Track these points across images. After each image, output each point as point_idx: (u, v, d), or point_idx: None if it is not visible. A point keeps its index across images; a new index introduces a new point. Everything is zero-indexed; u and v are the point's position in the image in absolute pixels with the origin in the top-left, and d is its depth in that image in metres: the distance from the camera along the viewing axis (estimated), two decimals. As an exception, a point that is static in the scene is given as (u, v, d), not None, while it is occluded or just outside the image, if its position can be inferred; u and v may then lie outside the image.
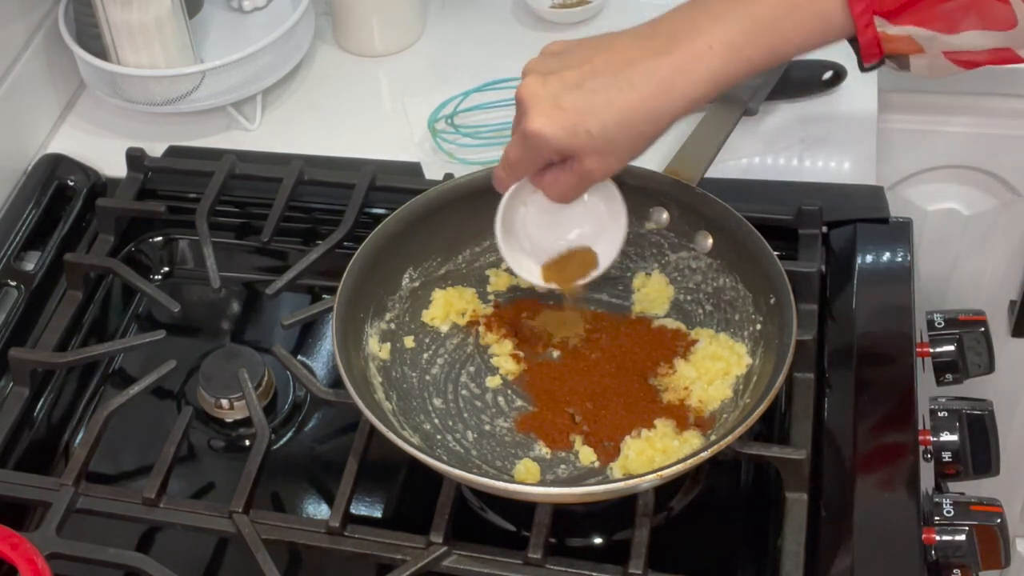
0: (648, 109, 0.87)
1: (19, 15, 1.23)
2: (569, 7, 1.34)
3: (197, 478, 1.04)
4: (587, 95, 0.87)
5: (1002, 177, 1.38)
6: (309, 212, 1.18)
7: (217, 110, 1.26)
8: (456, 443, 0.96)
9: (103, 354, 1.09)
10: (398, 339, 1.02)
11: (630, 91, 0.87)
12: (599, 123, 0.87)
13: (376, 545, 0.91)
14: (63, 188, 1.22)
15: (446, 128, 1.21)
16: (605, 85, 0.87)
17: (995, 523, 0.93)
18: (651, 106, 0.87)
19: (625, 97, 0.87)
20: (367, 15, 1.33)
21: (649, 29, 0.90)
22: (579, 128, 0.87)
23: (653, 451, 0.92)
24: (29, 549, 0.85)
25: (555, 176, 0.91)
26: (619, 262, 1.06)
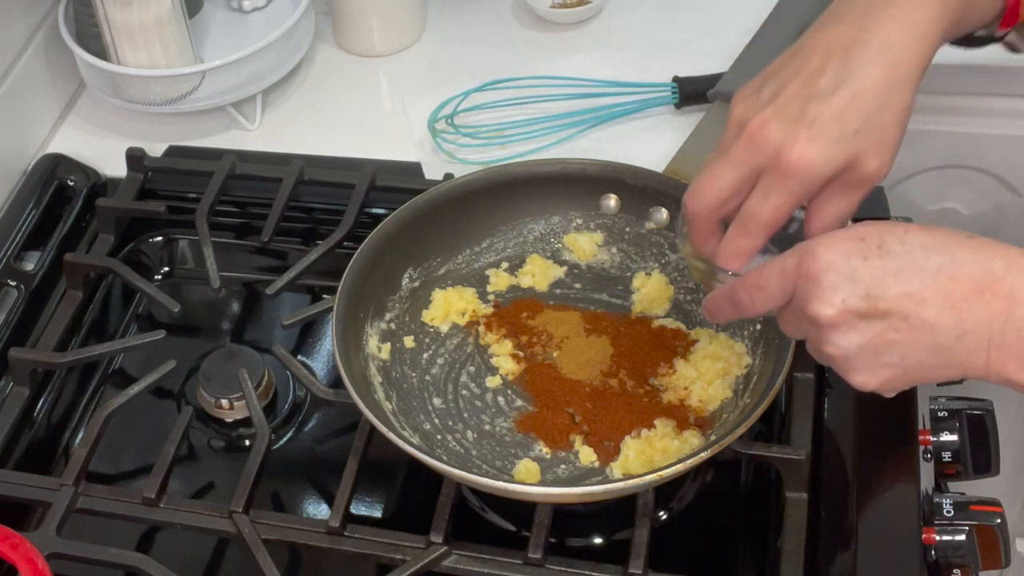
0: (897, 77, 0.79)
1: (19, 15, 1.23)
2: (569, 7, 1.34)
3: (197, 478, 1.04)
4: (833, 97, 0.79)
5: (1002, 177, 1.38)
6: (309, 212, 1.18)
7: (217, 110, 1.26)
8: (456, 443, 0.96)
9: (103, 354, 1.09)
10: (398, 339, 1.02)
11: (869, 68, 0.78)
12: (862, 116, 0.78)
13: (376, 545, 0.91)
14: (63, 188, 1.22)
15: (446, 128, 1.21)
16: (844, 78, 0.79)
17: (995, 523, 0.93)
18: (898, 73, 0.79)
19: (871, 78, 0.78)
20: (367, 15, 1.33)
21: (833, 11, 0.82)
22: (846, 132, 0.78)
23: (653, 451, 0.92)
24: (29, 549, 0.85)
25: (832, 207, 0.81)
26: (619, 262, 1.06)
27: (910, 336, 0.72)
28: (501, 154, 1.20)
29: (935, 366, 0.74)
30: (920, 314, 0.72)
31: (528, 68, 1.27)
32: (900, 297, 0.72)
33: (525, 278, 1.06)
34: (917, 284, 0.72)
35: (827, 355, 0.75)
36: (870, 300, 0.72)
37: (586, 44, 1.33)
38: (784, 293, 0.76)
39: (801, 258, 0.74)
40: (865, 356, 0.74)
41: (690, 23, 1.33)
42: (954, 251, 0.72)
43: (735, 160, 0.81)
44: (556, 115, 1.22)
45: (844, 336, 0.73)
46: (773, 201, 0.80)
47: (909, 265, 0.72)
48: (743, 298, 0.79)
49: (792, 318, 0.77)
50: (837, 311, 0.73)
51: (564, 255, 1.08)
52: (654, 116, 1.23)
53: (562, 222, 1.08)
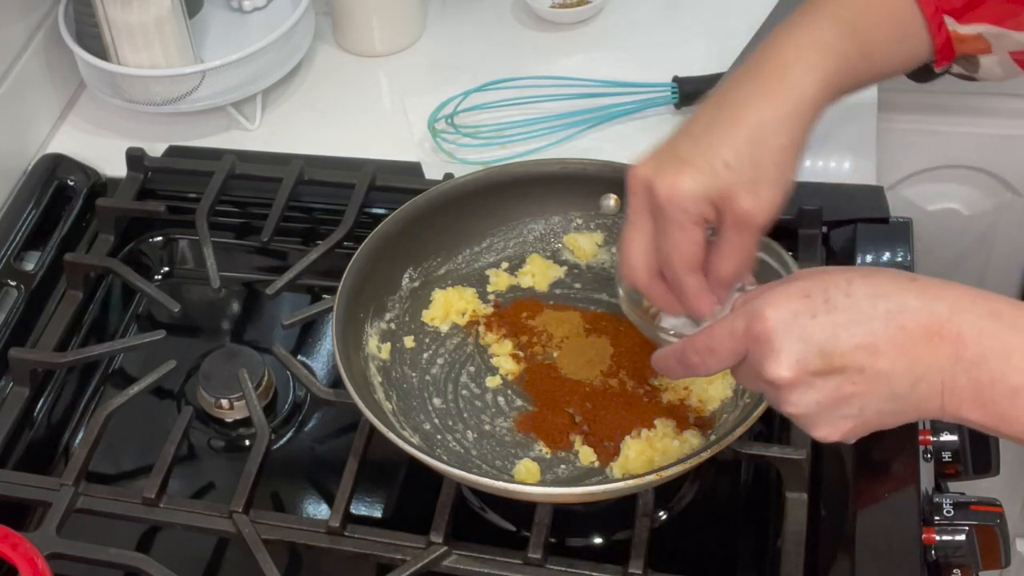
0: (771, 119, 0.82)
1: (19, 15, 1.23)
2: (569, 7, 1.34)
3: (197, 478, 1.04)
4: (702, 137, 0.82)
5: (1002, 177, 1.38)
6: (309, 212, 1.18)
7: (217, 110, 1.26)
8: (456, 443, 0.96)
9: (103, 354, 1.09)
10: (398, 339, 1.02)
11: (743, 110, 0.82)
12: (731, 151, 0.81)
13: (376, 545, 0.91)
14: (63, 188, 1.22)
15: (446, 128, 1.22)
16: (714, 118, 0.83)
17: (995, 523, 0.93)
18: (771, 115, 0.82)
19: (741, 117, 0.82)
20: (367, 15, 1.33)
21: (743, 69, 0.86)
22: (715, 165, 0.81)
23: (653, 451, 0.92)
24: (29, 549, 0.85)
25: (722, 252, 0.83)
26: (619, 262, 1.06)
27: (867, 387, 0.73)
28: (501, 154, 1.20)
29: (893, 412, 0.74)
30: (875, 365, 0.72)
31: (528, 68, 1.27)
32: (854, 350, 0.72)
33: (525, 278, 1.06)
34: (868, 335, 0.72)
35: (788, 413, 0.75)
36: (824, 357, 0.72)
37: (586, 44, 1.33)
38: (736, 355, 0.76)
39: (750, 320, 0.74)
40: (825, 411, 0.74)
41: (690, 23, 1.33)
42: (899, 297, 0.72)
43: (632, 217, 0.84)
44: (556, 115, 1.22)
45: (803, 395, 0.73)
46: (670, 240, 0.82)
47: (858, 317, 0.72)
48: (694, 360, 0.79)
49: (747, 377, 0.77)
50: (793, 372, 0.73)
51: (564, 255, 1.08)
52: (654, 116, 1.23)
53: (562, 222, 1.08)
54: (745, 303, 0.76)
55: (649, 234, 0.84)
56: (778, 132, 0.83)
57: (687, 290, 0.83)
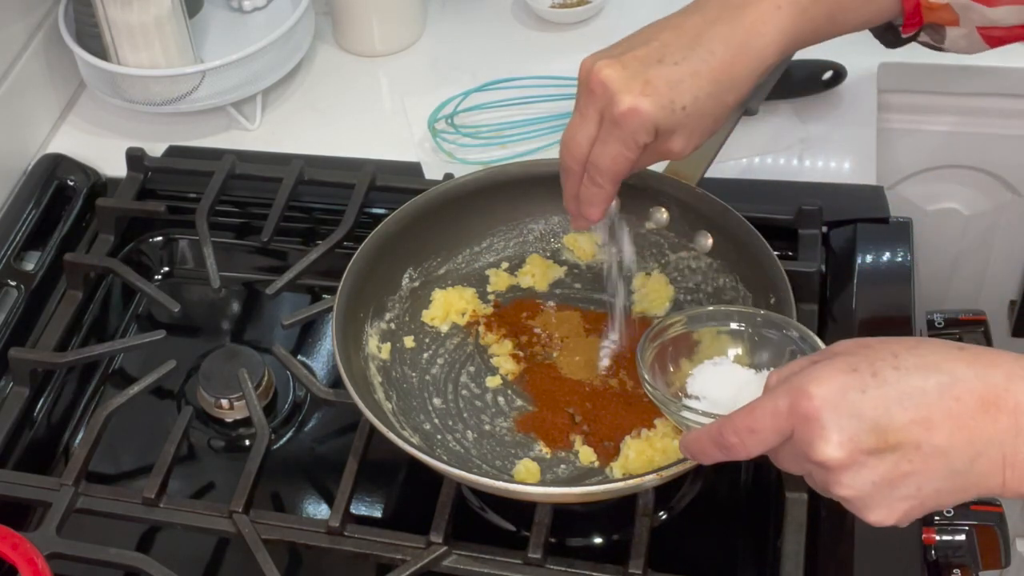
0: (731, 75, 0.84)
1: (19, 15, 1.23)
2: (569, 7, 1.34)
3: (197, 478, 1.04)
4: (672, 68, 0.83)
5: (1002, 177, 1.38)
6: (309, 212, 1.18)
7: (217, 110, 1.26)
8: (456, 443, 0.96)
9: (103, 354, 1.09)
10: (398, 339, 1.02)
11: (711, 58, 0.84)
12: (691, 95, 0.83)
13: (376, 545, 0.91)
14: (63, 188, 1.22)
15: (446, 128, 1.22)
16: (685, 56, 0.84)
17: (995, 523, 0.93)
18: (733, 72, 0.84)
19: (709, 66, 0.84)
20: (367, 15, 1.33)
21: (695, 4, 0.87)
22: (675, 103, 0.83)
23: (653, 451, 0.92)
24: (29, 549, 0.85)
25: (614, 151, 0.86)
26: (619, 262, 1.06)
27: (924, 465, 0.68)
28: (501, 154, 1.20)
29: (951, 491, 0.70)
30: (931, 440, 0.68)
31: (528, 68, 1.27)
32: (909, 425, 0.68)
33: (525, 278, 1.06)
34: (923, 409, 0.68)
35: (839, 496, 0.71)
36: (878, 434, 0.68)
37: (586, 44, 1.32)
38: (780, 435, 0.71)
39: (795, 399, 0.69)
40: (881, 492, 0.69)
41: (690, 23, 1.33)
42: (951, 368, 0.69)
43: (582, 109, 0.86)
44: (556, 115, 1.21)
45: (857, 476, 0.69)
46: (609, 150, 0.85)
47: (910, 390, 0.68)
48: (732, 441, 0.73)
49: (791, 459, 0.72)
50: (847, 452, 0.68)
51: (564, 255, 1.08)
52: (654, 116, 1.23)
53: (562, 222, 1.08)
54: (781, 380, 0.72)
55: (594, 131, 0.86)
56: (732, 90, 0.85)
57: (598, 194, 0.88)
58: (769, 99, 1.16)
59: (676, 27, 0.86)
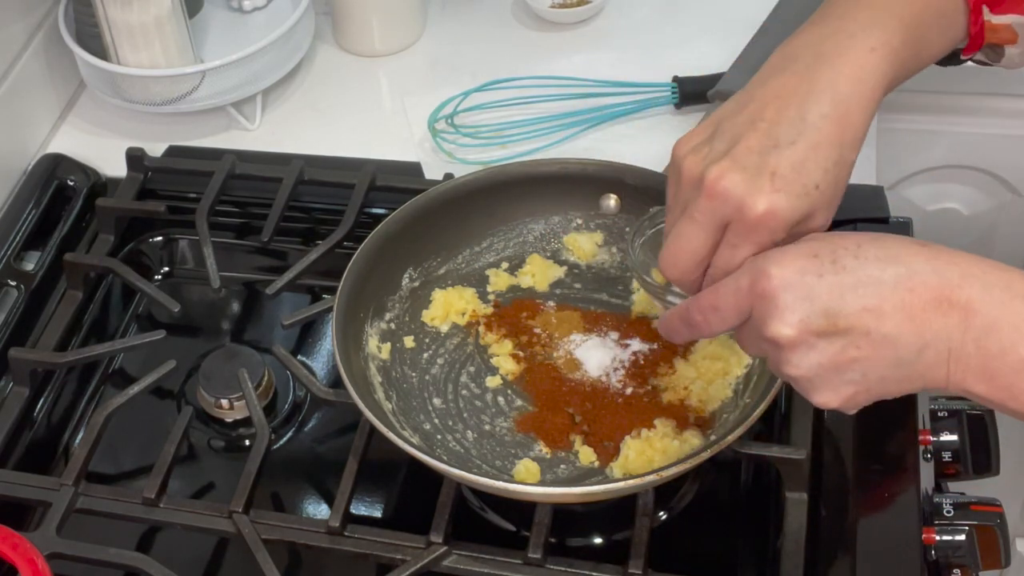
0: (849, 133, 0.78)
1: (19, 15, 1.23)
2: (569, 7, 1.34)
3: (197, 478, 1.04)
4: (791, 149, 0.76)
5: (1002, 177, 1.38)
6: (309, 212, 1.18)
7: (217, 110, 1.26)
8: (456, 443, 0.96)
9: (103, 354, 1.09)
10: (398, 339, 1.02)
11: (824, 123, 0.77)
12: (821, 171, 0.77)
13: (376, 545, 0.91)
14: (63, 188, 1.22)
15: (446, 128, 1.21)
16: (800, 131, 0.77)
17: (995, 523, 0.93)
18: (849, 129, 0.78)
19: (825, 133, 0.77)
20: (367, 15, 1.33)
21: (783, 58, 0.81)
22: (808, 187, 0.76)
23: (653, 451, 0.92)
24: (29, 549, 0.85)
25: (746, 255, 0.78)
26: (619, 262, 1.06)
27: (872, 352, 0.71)
28: (501, 154, 1.20)
29: (897, 380, 0.72)
30: (880, 328, 0.70)
31: (528, 68, 1.27)
32: (860, 312, 0.70)
33: (525, 278, 1.06)
34: (876, 298, 0.70)
35: (788, 375, 0.74)
36: (829, 317, 0.70)
37: (586, 44, 1.33)
38: (740, 314, 0.74)
39: (755, 277, 0.72)
40: (827, 375, 0.72)
41: (690, 23, 1.33)
42: (909, 261, 0.71)
43: (700, 219, 0.79)
44: (556, 115, 1.22)
45: (804, 356, 0.72)
46: (742, 254, 0.78)
47: (865, 279, 0.70)
48: (697, 319, 0.77)
49: (750, 337, 0.75)
50: (796, 331, 0.71)
51: (564, 255, 1.08)
52: (654, 116, 1.23)
53: (562, 222, 1.08)
54: (752, 262, 0.74)
55: (713, 241, 0.79)
56: (852, 151, 0.79)
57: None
58: (769, 99, 1.16)
59: (776, 97, 0.79)
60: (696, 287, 0.82)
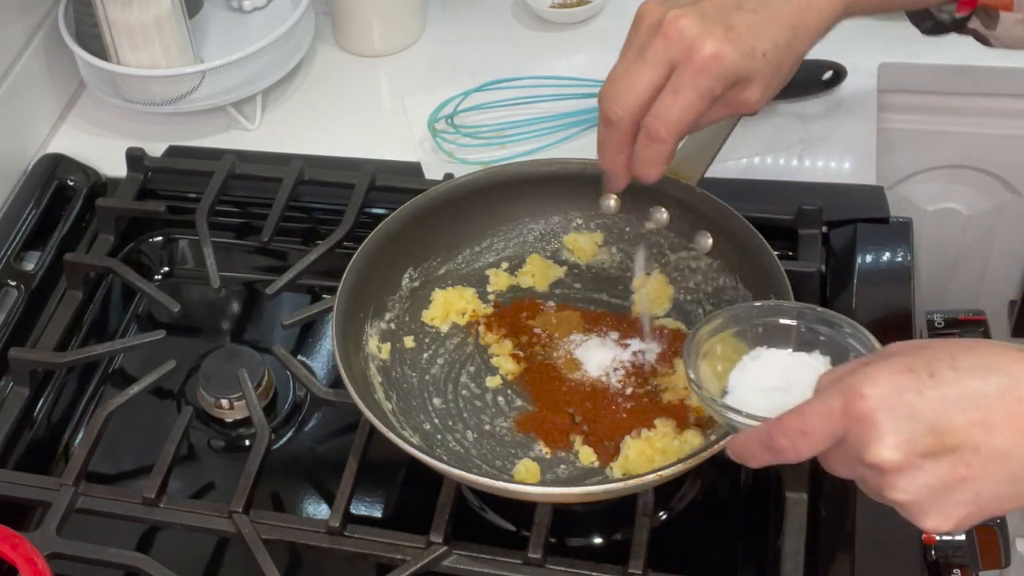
0: (805, 23, 0.83)
1: (19, 15, 1.23)
2: (569, 7, 1.34)
3: (197, 478, 1.04)
4: (751, 14, 0.82)
5: (1002, 177, 1.38)
6: (309, 212, 1.18)
7: (217, 110, 1.26)
8: (456, 443, 0.96)
9: (103, 354, 1.09)
10: (398, 339, 1.02)
11: (786, 6, 0.83)
12: (771, 42, 0.82)
13: (376, 545, 0.91)
14: (63, 188, 1.22)
15: (446, 128, 1.22)
16: (763, 3, 0.82)
17: (995, 523, 0.93)
18: (807, 19, 0.83)
19: (786, 13, 0.83)
20: (367, 15, 1.33)
21: None
22: (756, 50, 0.81)
23: (653, 451, 0.92)
24: (29, 549, 0.85)
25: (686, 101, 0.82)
26: (619, 262, 1.06)
27: (983, 469, 0.66)
28: (501, 154, 1.20)
29: (1012, 496, 0.67)
30: (991, 443, 0.65)
31: (528, 68, 1.27)
32: (968, 427, 0.65)
33: (525, 278, 1.06)
34: (983, 411, 0.65)
35: (893, 500, 0.68)
36: (936, 436, 0.65)
37: (586, 44, 1.33)
38: (832, 437, 0.68)
39: (849, 399, 0.67)
40: (937, 497, 0.67)
41: (690, 23, 1.33)
42: (1011, 369, 0.66)
43: (651, 58, 0.82)
44: (556, 115, 1.22)
45: (912, 479, 0.66)
46: (683, 99, 0.81)
47: (969, 391, 0.66)
48: (783, 444, 0.70)
49: (844, 462, 0.70)
50: (902, 454, 0.66)
51: (564, 255, 1.08)
52: (654, 116, 1.23)
53: (562, 222, 1.08)
54: (833, 381, 0.69)
55: (658, 83, 0.82)
56: (805, 40, 0.84)
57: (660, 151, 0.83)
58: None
59: None
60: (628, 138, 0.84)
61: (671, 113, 0.82)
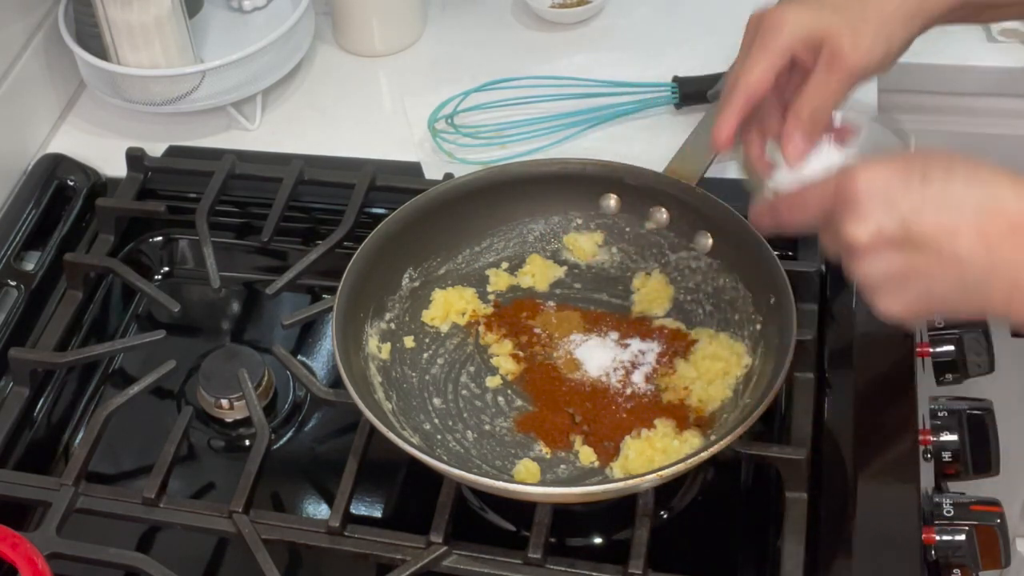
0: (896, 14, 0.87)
1: (19, 15, 1.23)
2: (569, 7, 1.34)
3: (197, 478, 1.04)
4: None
5: (1002, 177, 1.38)
6: (309, 212, 1.18)
7: (217, 110, 1.26)
8: (456, 443, 0.96)
9: (103, 354, 1.09)
10: (398, 339, 1.02)
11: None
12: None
13: (376, 545, 0.91)
14: (63, 188, 1.22)
15: (446, 128, 1.21)
16: None
17: (995, 523, 0.93)
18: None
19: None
20: (367, 15, 1.33)
21: None
22: (825, 5, 0.85)
23: (653, 451, 0.92)
24: (29, 549, 0.85)
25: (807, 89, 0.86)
26: (619, 262, 1.06)
27: (939, 270, 0.72)
28: (501, 154, 1.20)
29: (959, 301, 0.74)
30: (952, 248, 0.71)
31: (528, 68, 1.27)
32: (936, 228, 0.72)
33: (525, 278, 1.06)
34: (954, 216, 0.72)
35: (857, 278, 0.77)
36: (905, 229, 0.72)
37: (586, 44, 1.33)
38: (822, 212, 0.77)
39: (843, 182, 0.75)
40: (892, 284, 0.75)
41: (690, 23, 1.33)
42: (996, 186, 0.72)
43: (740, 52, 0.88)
44: (556, 115, 1.22)
45: (874, 263, 0.74)
46: (753, 63, 0.86)
47: (948, 197, 0.72)
48: (783, 214, 0.82)
49: (830, 237, 0.78)
50: (870, 236, 0.73)
51: (564, 255, 1.08)
52: (654, 116, 1.23)
53: (562, 222, 1.08)
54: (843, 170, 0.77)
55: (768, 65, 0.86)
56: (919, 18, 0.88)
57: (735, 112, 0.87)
58: (769, 99, 1.16)
59: None
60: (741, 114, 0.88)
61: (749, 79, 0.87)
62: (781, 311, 0.92)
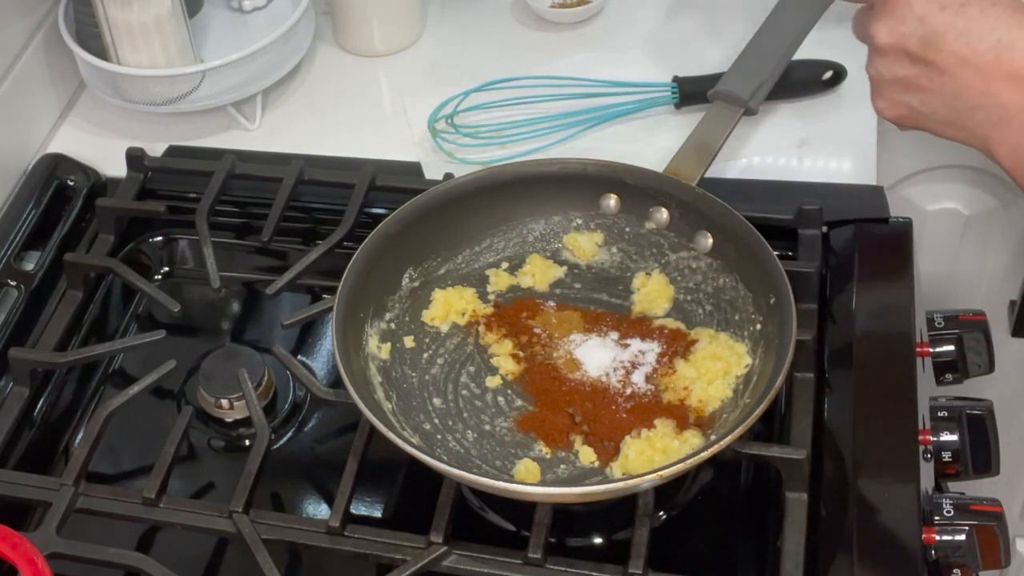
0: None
1: (19, 15, 1.23)
2: (569, 7, 1.34)
3: (197, 478, 1.04)
4: None
5: (1002, 177, 1.38)
6: (309, 212, 1.18)
7: (217, 110, 1.26)
8: (456, 443, 0.96)
9: (103, 354, 1.09)
10: (398, 339, 1.02)
11: None
12: None
13: (376, 545, 0.91)
14: (63, 188, 1.22)
15: (446, 128, 1.21)
16: None
17: (995, 523, 0.93)
18: None
19: None
20: (367, 15, 1.33)
21: None
22: None
23: (653, 451, 0.92)
24: (29, 549, 0.85)
25: None
26: (619, 262, 1.06)
27: (939, 90, 0.81)
28: (501, 154, 1.20)
29: (944, 122, 0.83)
30: (957, 74, 0.79)
31: (528, 68, 1.27)
32: (950, 53, 0.80)
33: (525, 278, 1.06)
34: (971, 49, 0.79)
35: (867, 71, 0.85)
36: (924, 44, 0.80)
37: (586, 44, 1.33)
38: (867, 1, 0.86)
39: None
40: (894, 88, 0.83)
41: (690, 23, 1.33)
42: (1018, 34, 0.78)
43: None
44: (556, 115, 1.22)
45: (885, 64, 0.83)
46: None
47: (974, 29, 0.79)
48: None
49: (861, 25, 0.86)
50: (892, 41, 0.82)
51: (564, 255, 1.08)
52: (654, 116, 1.23)
53: (562, 222, 1.08)
54: None
55: None
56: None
57: None
58: (769, 99, 1.17)
59: None
60: None
61: None
62: (781, 311, 0.93)
